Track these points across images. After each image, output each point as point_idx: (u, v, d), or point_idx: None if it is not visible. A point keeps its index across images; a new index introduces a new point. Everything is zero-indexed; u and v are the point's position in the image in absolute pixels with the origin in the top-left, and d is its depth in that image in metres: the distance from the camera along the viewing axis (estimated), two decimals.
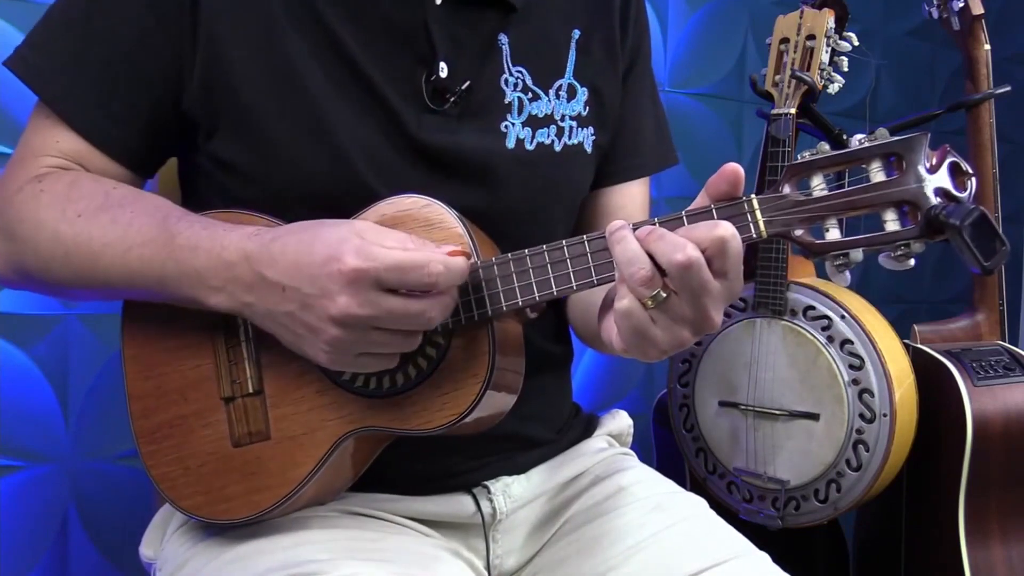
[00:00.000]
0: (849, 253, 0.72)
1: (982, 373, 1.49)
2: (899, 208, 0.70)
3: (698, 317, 0.73)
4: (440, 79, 0.89)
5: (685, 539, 0.92)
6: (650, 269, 0.71)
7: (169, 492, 0.85)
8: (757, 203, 0.73)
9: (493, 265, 0.79)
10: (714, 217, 0.73)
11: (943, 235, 0.68)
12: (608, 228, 0.74)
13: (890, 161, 0.70)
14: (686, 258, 0.69)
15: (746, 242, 0.72)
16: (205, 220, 0.81)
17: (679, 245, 0.70)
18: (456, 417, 0.79)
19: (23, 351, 1.38)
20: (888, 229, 0.70)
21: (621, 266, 0.72)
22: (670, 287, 0.71)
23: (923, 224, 0.69)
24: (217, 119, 0.86)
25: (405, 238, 0.77)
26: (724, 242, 0.70)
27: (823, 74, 1.48)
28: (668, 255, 0.70)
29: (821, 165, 0.72)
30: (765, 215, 0.73)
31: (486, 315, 0.79)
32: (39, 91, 0.87)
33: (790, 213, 0.72)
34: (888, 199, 0.70)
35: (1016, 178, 2.36)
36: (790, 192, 0.72)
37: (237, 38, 0.85)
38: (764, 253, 1.51)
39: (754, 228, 0.73)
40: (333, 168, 0.86)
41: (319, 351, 0.76)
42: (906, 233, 0.70)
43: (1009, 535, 1.50)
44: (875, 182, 0.70)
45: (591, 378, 2.01)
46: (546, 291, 0.78)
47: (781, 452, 1.51)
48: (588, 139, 0.98)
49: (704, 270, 0.70)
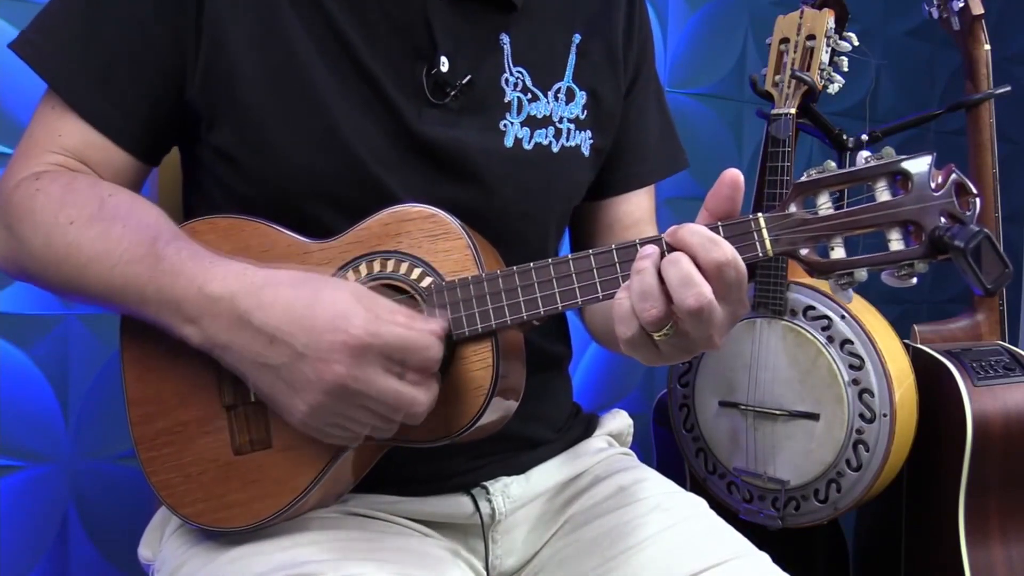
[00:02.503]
0: (854, 272, 0.72)
1: (982, 373, 1.49)
2: (904, 228, 0.70)
3: (701, 342, 0.74)
4: (441, 73, 0.89)
5: (685, 539, 0.92)
6: (661, 309, 0.71)
7: (169, 499, 0.85)
8: (764, 221, 0.73)
9: (498, 278, 0.79)
10: (720, 234, 0.73)
11: (947, 256, 0.68)
12: (640, 251, 0.73)
13: (896, 180, 0.70)
14: (698, 305, 0.70)
15: (751, 261, 0.73)
16: (194, 248, 0.79)
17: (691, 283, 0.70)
18: (461, 428, 0.79)
19: (23, 351, 1.38)
20: (892, 248, 0.71)
21: (634, 297, 0.72)
22: (678, 320, 0.72)
23: (927, 245, 0.69)
24: (218, 110, 0.86)
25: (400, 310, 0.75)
26: (720, 268, 0.70)
27: (823, 74, 1.48)
28: (681, 299, 0.70)
29: (827, 183, 0.72)
30: (771, 233, 0.73)
31: (491, 328, 0.79)
32: (45, 75, 0.86)
33: (796, 232, 0.72)
34: (893, 219, 0.70)
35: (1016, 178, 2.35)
36: (796, 210, 0.73)
37: (239, 30, 0.85)
38: None
39: (760, 247, 0.73)
40: (333, 160, 0.86)
41: (295, 409, 0.75)
42: (910, 253, 0.70)
43: (1009, 535, 1.50)
44: (881, 201, 0.70)
45: (591, 378, 2.01)
46: (551, 306, 0.78)
47: (781, 452, 1.51)
48: (586, 142, 0.98)
49: (715, 309, 0.71)
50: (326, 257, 0.82)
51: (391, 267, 0.81)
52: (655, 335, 0.73)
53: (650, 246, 0.73)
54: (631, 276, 0.73)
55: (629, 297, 0.73)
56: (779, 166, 1.47)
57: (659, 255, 0.72)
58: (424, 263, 0.81)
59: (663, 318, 0.71)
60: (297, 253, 0.83)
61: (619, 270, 0.76)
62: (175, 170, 0.99)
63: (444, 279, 0.80)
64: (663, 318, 0.71)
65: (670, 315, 0.72)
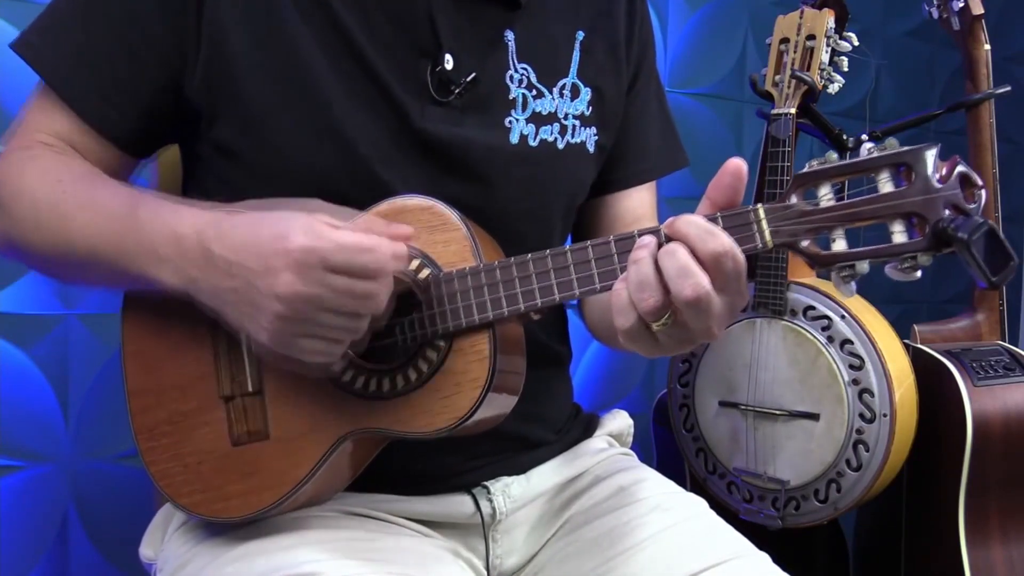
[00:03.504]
0: (855, 264, 0.70)
1: (982, 373, 1.49)
2: (907, 220, 0.68)
3: (700, 333, 0.73)
4: (445, 71, 0.89)
5: (685, 539, 0.92)
6: (658, 299, 0.71)
7: (167, 489, 0.85)
8: (763, 212, 0.72)
9: (496, 269, 0.79)
10: (719, 225, 0.72)
11: (951, 248, 0.66)
12: (637, 241, 0.73)
13: (899, 171, 0.68)
14: (695, 295, 0.69)
15: (750, 252, 0.71)
16: (174, 198, 0.81)
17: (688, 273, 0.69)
18: (456, 421, 0.79)
19: (23, 351, 1.38)
20: (895, 241, 0.69)
21: (631, 287, 0.72)
22: (676, 310, 0.71)
23: (931, 237, 0.67)
24: (219, 106, 0.86)
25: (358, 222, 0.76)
26: (717, 258, 0.70)
27: (823, 74, 1.48)
28: (678, 289, 0.70)
29: (829, 175, 0.70)
30: (771, 225, 0.71)
31: (488, 319, 0.79)
32: (38, 68, 0.87)
33: (796, 223, 0.71)
34: (896, 210, 0.68)
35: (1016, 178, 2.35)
36: (797, 202, 0.71)
37: (240, 26, 0.85)
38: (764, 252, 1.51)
39: (759, 238, 0.72)
40: (335, 157, 0.86)
41: (261, 329, 0.75)
42: (913, 245, 0.68)
43: (1009, 535, 1.50)
44: (884, 193, 0.69)
45: (591, 378, 2.01)
46: (548, 297, 0.78)
47: (781, 452, 1.51)
48: (591, 139, 0.98)
49: (713, 300, 0.70)
50: None
51: None
52: (653, 325, 0.72)
53: (647, 236, 0.73)
54: (628, 266, 0.72)
55: (627, 287, 0.72)
56: (779, 166, 1.47)
57: (656, 245, 0.72)
58: (422, 254, 0.81)
59: (661, 308, 0.71)
60: None
61: (617, 261, 0.75)
62: (175, 167, 0.99)
63: (442, 270, 0.80)
64: (661, 308, 0.71)
65: (668, 305, 0.71)
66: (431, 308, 0.80)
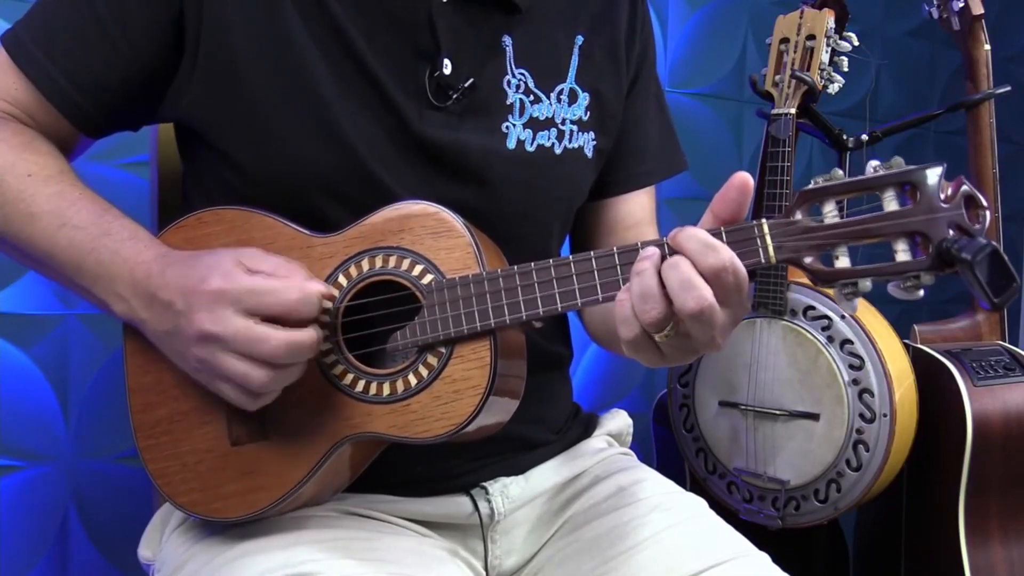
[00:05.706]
0: (858, 282, 0.70)
1: (982, 373, 1.49)
2: (911, 239, 0.68)
3: (703, 344, 0.73)
4: (444, 75, 0.89)
5: (685, 539, 0.92)
6: (662, 311, 0.71)
7: (166, 488, 0.85)
8: (768, 228, 0.72)
9: (499, 277, 0.79)
10: (723, 239, 0.72)
11: (954, 268, 0.66)
12: (641, 253, 0.73)
13: (904, 190, 0.68)
14: (698, 307, 0.70)
15: (753, 268, 0.72)
16: (135, 228, 0.83)
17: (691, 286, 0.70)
18: (455, 427, 0.79)
19: (23, 351, 1.38)
20: (899, 259, 0.69)
21: (635, 298, 0.72)
22: (679, 321, 0.72)
23: (934, 257, 0.67)
24: (219, 105, 0.86)
25: (283, 265, 0.78)
26: (717, 273, 0.70)
27: (823, 74, 1.48)
28: (682, 301, 0.70)
29: (834, 192, 0.70)
30: (775, 240, 0.72)
31: (489, 326, 0.79)
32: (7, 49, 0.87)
33: (800, 239, 0.71)
34: (901, 229, 0.68)
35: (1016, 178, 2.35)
36: (801, 218, 0.71)
37: (240, 26, 0.85)
38: None
39: (763, 253, 0.72)
40: (333, 156, 0.86)
41: (190, 369, 0.80)
42: (917, 264, 0.68)
43: (1009, 535, 1.50)
44: (888, 211, 0.69)
45: (591, 378, 2.01)
46: (550, 306, 0.78)
47: (781, 452, 1.51)
48: (589, 144, 0.98)
49: (716, 312, 0.71)
50: (329, 251, 0.83)
51: (392, 263, 0.81)
52: (656, 336, 0.73)
53: (651, 248, 0.73)
54: (631, 278, 0.73)
55: (630, 299, 0.73)
56: (779, 166, 1.47)
57: (660, 257, 0.72)
58: (426, 260, 0.81)
59: (664, 319, 0.71)
60: (300, 247, 0.83)
61: (620, 272, 0.76)
62: (175, 164, 0.99)
63: (445, 276, 0.80)
64: (664, 319, 0.71)
65: (671, 316, 0.71)
66: (433, 314, 0.80)
